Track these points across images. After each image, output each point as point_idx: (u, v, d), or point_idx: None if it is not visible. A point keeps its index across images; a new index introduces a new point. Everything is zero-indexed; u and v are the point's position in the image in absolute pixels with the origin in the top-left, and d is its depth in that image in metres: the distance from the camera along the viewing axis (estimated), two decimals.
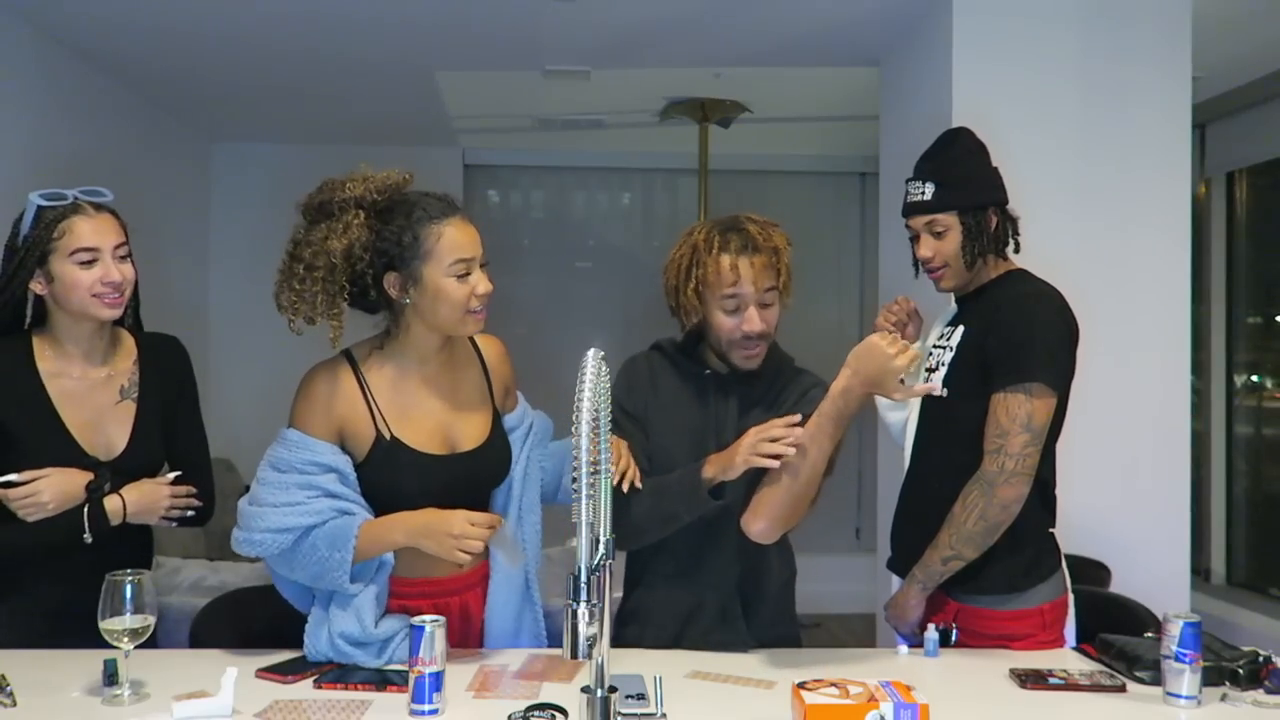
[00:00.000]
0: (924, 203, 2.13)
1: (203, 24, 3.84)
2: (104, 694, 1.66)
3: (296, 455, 1.86)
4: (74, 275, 1.90)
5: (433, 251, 1.84)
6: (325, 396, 1.90)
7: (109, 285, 1.92)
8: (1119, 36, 3.41)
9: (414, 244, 1.84)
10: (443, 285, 1.84)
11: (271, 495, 1.85)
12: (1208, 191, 5.06)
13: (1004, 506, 1.99)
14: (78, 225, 1.91)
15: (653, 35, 3.97)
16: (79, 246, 1.90)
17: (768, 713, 1.66)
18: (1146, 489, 3.39)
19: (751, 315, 1.96)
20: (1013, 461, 1.98)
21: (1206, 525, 4.95)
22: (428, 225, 1.85)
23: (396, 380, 1.93)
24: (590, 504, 1.39)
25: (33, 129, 3.88)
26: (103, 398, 2.00)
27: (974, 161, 2.18)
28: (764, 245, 1.97)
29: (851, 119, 5.19)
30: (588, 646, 1.39)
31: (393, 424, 1.90)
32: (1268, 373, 4.98)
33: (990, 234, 2.12)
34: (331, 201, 1.86)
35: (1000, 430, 1.98)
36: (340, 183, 1.87)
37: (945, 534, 2.01)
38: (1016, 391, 1.99)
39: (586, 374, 1.40)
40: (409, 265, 1.85)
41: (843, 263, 6.36)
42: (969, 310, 2.17)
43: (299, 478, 1.85)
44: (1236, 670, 1.73)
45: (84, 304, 1.92)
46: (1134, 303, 3.40)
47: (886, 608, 2.17)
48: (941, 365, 2.15)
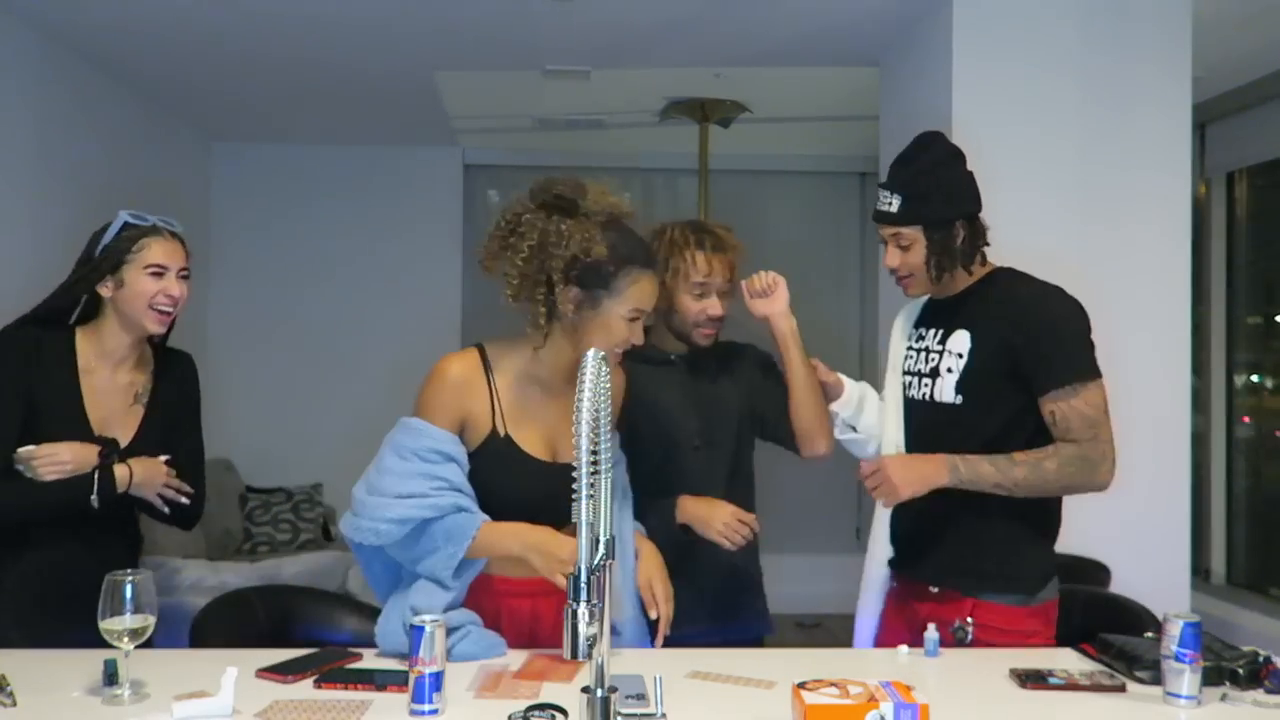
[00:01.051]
0: (889, 214, 2.13)
1: (203, 24, 3.85)
2: (104, 694, 1.66)
3: (420, 443, 1.90)
4: (143, 285, 2.16)
5: (624, 293, 1.94)
6: (456, 385, 1.95)
7: (168, 299, 2.19)
8: (1119, 36, 3.42)
9: (610, 278, 1.92)
10: (615, 325, 1.95)
11: (395, 485, 1.89)
12: (1208, 191, 5.06)
13: (1089, 489, 2.04)
14: (154, 244, 2.20)
15: (653, 35, 3.97)
16: (153, 262, 2.18)
17: (768, 713, 1.66)
18: (1146, 488, 3.38)
19: (715, 302, 2.29)
20: (1112, 449, 2.03)
21: (1206, 525, 4.95)
22: (629, 268, 1.94)
23: (520, 382, 2.00)
24: (590, 504, 1.39)
25: (34, 129, 3.89)
26: (119, 400, 2.23)
27: (943, 173, 2.13)
28: (729, 247, 2.33)
29: (851, 119, 5.19)
30: (588, 646, 1.39)
31: (510, 423, 1.97)
32: (1268, 373, 4.98)
33: (955, 248, 2.11)
34: (576, 202, 1.93)
35: (1089, 421, 2.01)
36: (585, 187, 1.96)
37: (1020, 469, 2.00)
38: (1087, 383, 2.02)
39: (586, 374, 1.40)
40: (594, 292, 1.93)
41: (843, 263, 6.37)
42: (965, 314, 2.14)
43: (423, 466, 1.89)
44: (1236, 670, 1.73)
45: (141, 313, 2.18)
46: (1134, 303, 3.40)
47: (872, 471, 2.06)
48: (948, 371, 2.12)
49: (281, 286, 5.90)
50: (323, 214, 5.94)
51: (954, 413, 2.10)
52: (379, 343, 5.86)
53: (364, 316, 5.89)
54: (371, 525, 1.88)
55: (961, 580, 2.09)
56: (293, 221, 5.92)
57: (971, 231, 2.13)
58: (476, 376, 1.96)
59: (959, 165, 2.16)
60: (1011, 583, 2.07)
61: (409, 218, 6.04)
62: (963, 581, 2.09)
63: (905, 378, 2.25)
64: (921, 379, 2.18)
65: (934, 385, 2.14)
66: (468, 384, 1.95)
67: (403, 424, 1.94)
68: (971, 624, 2.04)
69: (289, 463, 5.58)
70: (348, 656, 1.90)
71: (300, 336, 5.88)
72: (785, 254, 6.33)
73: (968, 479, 2.02)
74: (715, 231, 2.33)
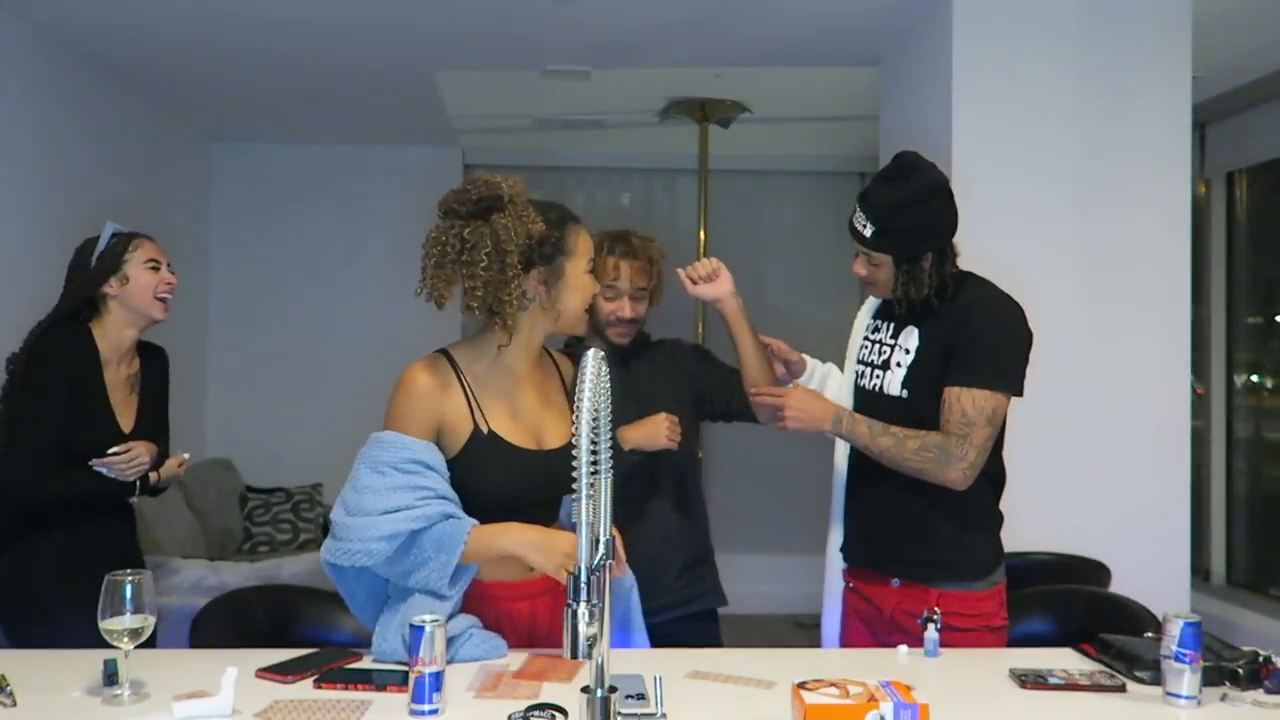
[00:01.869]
0: (863, 237, 2.18)
1: (203, 24, 3.85)
2: (104, 694, 1.66)
3: (397, 455, 1.86)
4: (146, 277, 2.52)
5: (575, 249, 1.98)
6: (430, 392, 1.91)
7: (168, 286, 2.55)
8: (1119, 36, 3.42)
9: (561, 241, 1.96)
10: (582, 280, 1.99)
11: (378, 501, 1.83)
12: (1208, 191, 5.06)
13: (938, 480, 2.09)
14: (145, 244, 2.57)
15: (653, 35, 3.97)
16: (150, 256, 2.55)
17: (768, 713, 1.66)
18: (1146, 489, 3.39)
19: (624, 304, 2.49)
20: (975, 453, 2.06)
21: (1206, 525, 4.95)
22: (570, 225, 1.98)
23: (491, 377, 1.98)
24: (590, 504, 1.40)
25: (34, 129, 3.89)
26: (123, 392, 2.56)
27: (918, 211, 2.12)
28: (640, 254, 2.51)
29: (851, 119, 5.19)
30: (588, 646, 1.39)
31: (491, 419, 1.95)
32: (1268, 373, 4.98)
33: (921, 277, 2.15)
34: (499, 195, 1.90)
35: (967, 420, 2.06)
36: (494, 181, 1.92)
37: (886, 439, 2.12)
38: (983, 388, 2.06)
39: (586, 374, 1.40)
40: (555, 261, 1.95)
41: (843, 263, 6.31)
42: (918, 313, 2.19)
43: (404, 478, 1.85)
44: (1236, 670, 1.73)
45: (147, 304, 2.52)
46: (1134, 303, 3.40)
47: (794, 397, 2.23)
48: (897, 365, 2.19)
49: (282, 286, 5.90)
50: (323, 214, 5.93)
51: (899, 405, 2.17)
52: (379, 342, 5.84)
53: (364, 316, 5.89)
54: (361, 546, 1.82)
55: (923, 572, 2.16)
56: (293, 221, 5.92)
57: (939, 259, 2.16)
58: (448, 380, 1.94)
59: (935, 202, 2.14)
60: (968, 569, 2.15)
61: (409, 218, 5.99)
62: (924, 573, 2.15)
63: (859, 366, 2.32)
64: (873, 370, 2.26)
65: (884, 378, 2.22)
66: (440, 389, 1.92)
67: (375, 439, 1.89)
68: (940, 613, 2.06)
69: (289, 463, 5.57)
70: (348, 656, 1.89)
71: (300, 336, 5.88)
72: (785, 254, 6.37)
73: (845, 432, 2.19)
74: (630, 239, 2.53)
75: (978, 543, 2.19)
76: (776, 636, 5.31)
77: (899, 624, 2.14)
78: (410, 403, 1.90)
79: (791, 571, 5.82)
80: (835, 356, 2.53)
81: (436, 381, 1.92)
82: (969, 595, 2.14)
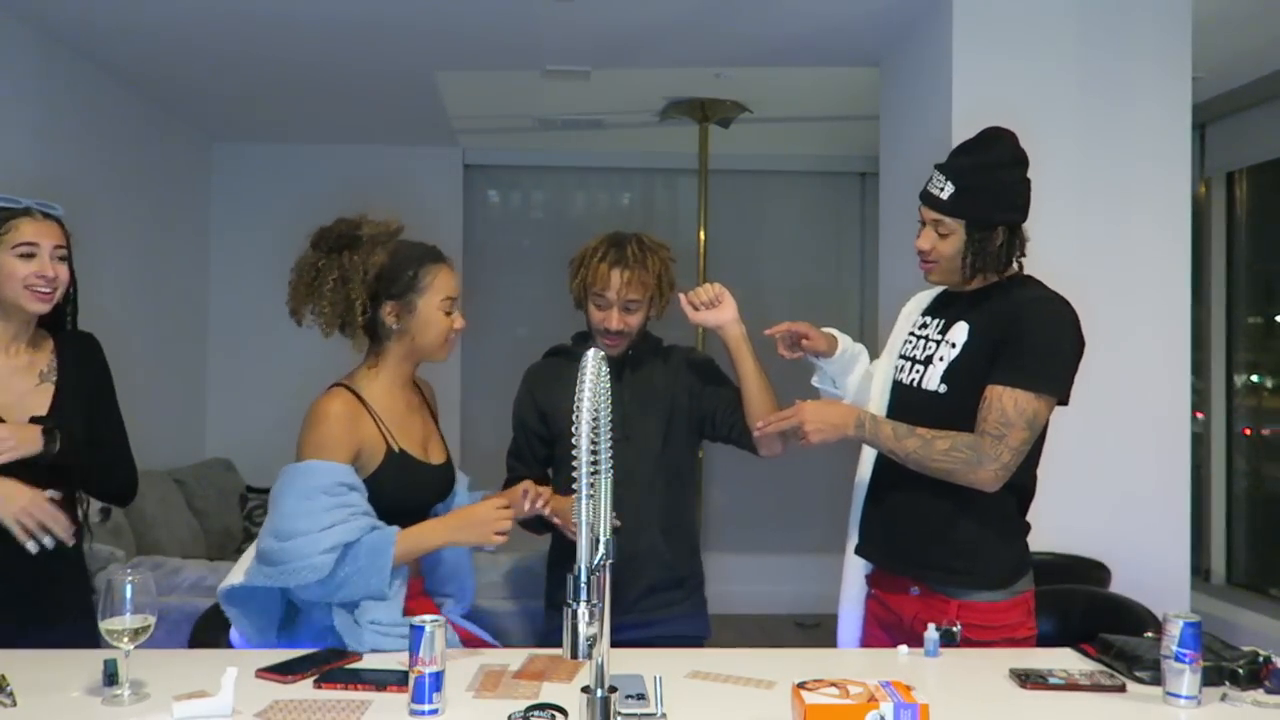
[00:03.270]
0: (938, 199, 2.10)
1: (203, 24, 3.85)
2: (104, 694, 1.66)
3: (322, 481, 2.00)
4: (12, 266, 2.09)
5: (430, 287, 2.16)
6: (344, 420, 2.07)
7: (41, 279, 2.10)
8: (1119, 36, 3.42)
9: (415, 279, 2.16)
10: (433, 316, 2.16)
11: (312, 523, 1.97)
12: (1208, 191, 5.06)
13: (966, 482, 2.01)
14: (23, 224, 2.12)
15: (653, 35, 3.97)
16: (20, 240, 2.10)
17: (768, 713, 1.66)
18: (1146, 489, 3.39)
19: (611, 315, 2.36)
20: (1009, 455, 1.99)
21: (1206, 525, 4.95)
22: (428, 265, 2.18)
23: (385, 400, 2.17)
24: (590, 504, 1.40)
25: (34, 129, 3.89)
26: (24, 382, 2.15)
27: (1002, 175, 2.11)
28: (633, 263, 2.35)
29: (851, 119, 5.19)
30: (588, 646, 1.39)
31: (398, 439, 2.14)
32: (1268, 373, 4.98)
33: (991, 252, 2.09)
34: (357, 236, 2.19)
35: (1005, 420, 1.98)
36: (356, 220, 2.25)
37: (912, 440, 2.04)
38: (1027, 389, 1.99)
39: (586, 374, 1.40)
40: (406, 297, 2.15)
41: (842, 263, 6.36)
42: (972, 308, 2.14)
43: (332, 500, 1.99)
44: (1236, 670, 1.73)
45: (17, 294, 2.10)
46: (1134, 303, 3.40)
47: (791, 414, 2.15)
48: (940, 359, 2.12)
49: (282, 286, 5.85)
50: (323, 214, 5.85)
51: (936, 401, 2.10)
52: None
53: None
54: (306, 563, 1.93)
55: (943, 580, 2.09)
56: (293, 221, 5.89)
57: (1010, 239, 2.11)
58: (356, 407, 2.10)
59: (1019, 171, 2.13)
60: (990, 579, 2.08)
61: (409, 218, 5.96)
62: (944, 580, 2.09)
63: (899, 361, 2.25)
64: (914, 365, 2.19)
65: (924, 373, 2.15)
66: (353, 415, 2.09)
67: (296, 470, 2.03)
68: (959, 625, 2.04)
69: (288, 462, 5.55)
70: (348, 656, 1.90)
71: (300, 336, 5.86)
72: (785, 254, 6.37)
73: (869, 436, 2.10)
74: (627, 248, 2.37)
75: (1000, 551, 2.10)
76: (776, 636, 5.31)
77: (918, 633, 2.06)
78: (329, 431, 2.06)
79: (791, 571, 5.82)
80: None
81: (348, 410, 2.09)
82: (990, 606, 2.07)
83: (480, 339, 6.13)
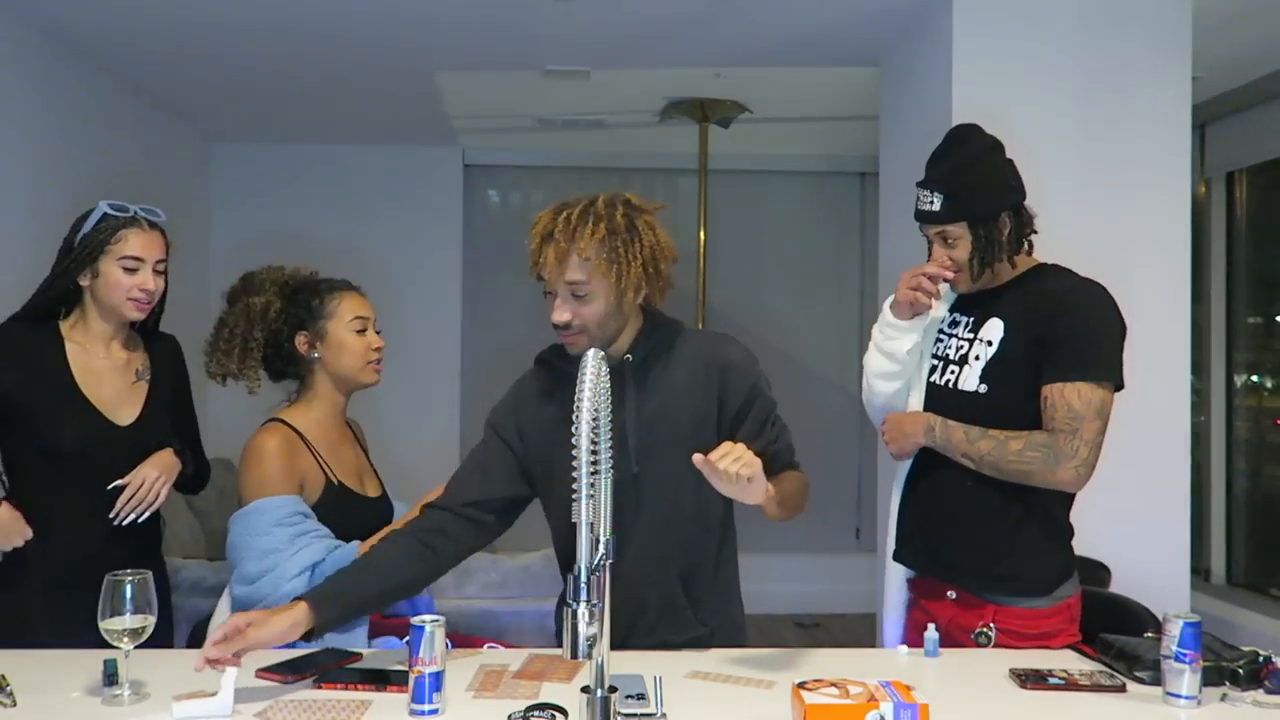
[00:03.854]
0: (933, 214, 2.09)
1: (203, 24, 3.84)
2: (104, 694, 1.66)
3: (276, 515, 2.04)
4: (117, 277, 2.22)
5: (335, 311, 2.21)
6: (285, 456, 2.10)
7: (144, 292, 2.24)
8: (1119, 37, 3.42)
9: (319, 307, 2.22)
10: (345, 338, 2.21)
11: (279, 554, 2.01)
12: (1208, 191, 5.06)
13: (1046, 483, 1.97)
14: (131, 236, 2.23)
15: (653, 35, 3.97)
16: (128, 254, 2.22)
17: (768, 713, 1.66)
18: (1146, 489, 3.39)
19: (554, 304, 1.85)
20: (1087, 449, 1.95)
21: (1206, 525, 4.95)
22: (329, 293, 2.24)
23: (318, 432, 2.20)
24: (590, 504, 1.39)
25: (33, 129, 3.88)
26: (121, 379, 2.30)
27: (984, 166, 2.10)
28: (564, 236, 1.79)
29: (851, 119, 5.19)
30: (588, 646, 1.39)
31: (336, 471, 2.19)
32: (1268, 373, 4.98)
33: (1002, 240, 2.08)
34: (252, 282, 2.27)
35: (1074, 414, 1.94)
36: (256, 271, 2.30)
37: (986, 442, 1.98)
38: (1088, 380, 1.96)
39: (586, 374, 1.40)
40: (315, 324, 2.21)
41: (843, 263, 6.36)
42: (1002, 304, 2.10)
43: (286, 530, 2.03)
44: (1236, 670, 1.73)
45: (118, 304, 2.23)
46: (1134, 302, 3.37)
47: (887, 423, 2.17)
48: (976, 358, 2.08)
49: None
50: (323, 214, 5.93)
51: (976, 400, 2.06)
52: None
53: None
54: (280, 593, 1.96)
55: (979, 585, 2.06)
56: (293, 221, 5.92)
57: (1017, 222, 2.10)
58: (295, 441, 2.14)
59: (997, 156, 2.12)
60: (1028, 584, 2.04)
61: (409, 218, 6.03)
62: (981, 586, 2.06)
63: (933, 361, 2.19)
64: (948, 365, 2.14)
65: (960, 373, 2.10)
66: (293, 449, 2.12)
67: (246, 515, 2.06)
68: (994, 629, 2.02)
69: None
70: (348, 656, 1.90)
71: None
72: (785, 254, 6.37)
73: (940, 441, 2.06)
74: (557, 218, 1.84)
75: (1041, 555, 2.05)
76: (776, 636, 5.31)
77: (953, 638, 2.04)
78: (272, 466, 2.08)
79: (792, 571, 5.82)
80: (835, 356, 2.50)
81: (287, 445, 2.12)
82: (1029, 613, 2.02)
83: (480, 339, 6.14)
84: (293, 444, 2.13)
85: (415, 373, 5.48)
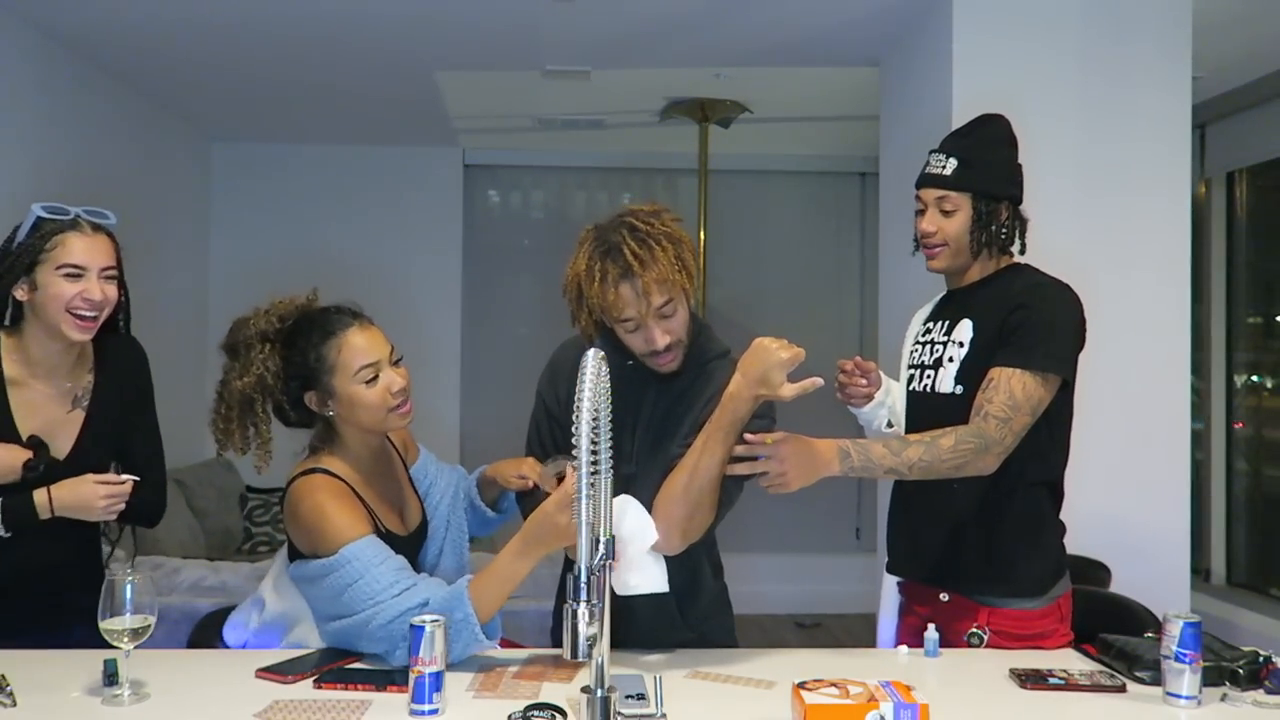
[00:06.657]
0: (941, 177, 2.10)
1: (203, 24, 3.85)
2: (104, 694, 1.65)
3: (368, 557, 1.81)
4: (57, 287, 1.94)
5: (337, 364, 1.93)
6: (343, 497, 1.90)
7: (87, 302, 1.96)
8: (1119, 37, 3.42)
9: (319, 362, 1.93)
10: (355, 393, 1.93)
11: (381, 595, 1.79)
12: (1208, 191, 5.06)
13: (978, 470, 1.94)
14: (70, 241, 1.96)
15: (653, 35, 3.97)
16: (66, 261, 1.95)
17: (768, 713, 1.66)
18: (1146, 489, 3.39)
19: (652, 333, 1.89)
20: (1012, 439, 1.95)
21: (1206, 525, 4.95)
22: (327, 341, 1.94)
23: (361, 478, 1.99)
24: (590, 504, 1.40)
25: (33, 129, 3.89)
26: (56, 410, 2.04)
27: (1001, 151, 2.14)
28: (642, 269, 1.84)
29: (851, 119, 5.19)
30: (588, 646, 1.39)
31: (380, 517, 1.98)
32: (1267, 373, 4.98)
33: (997, 226, 2.10)
34: (238, 341, 1.96)
35: (1014, 404, 1.95)
36: (245, 320, 1.98)
37: (914, 449, 1.91)
38: (1036, 371, 1.97)
39: (586, 374, 1.40)
40: (321, 382, 1.94)
41: (843, 263, 6.36)
42: (974, 303, 2.12)
43: (390, 568, 1.82)
44: (1236, 670, 1.73)
45: (58, 318, 1.96)
46: (1134, 302, 3.40)
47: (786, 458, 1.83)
48: (949, 360, 2.10)
49: (281, 287, 5.88)
50: (323, 214, 5.94)
51: (953, 402, 2.06)
52: None
53: None
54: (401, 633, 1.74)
55: (971, 588, 2.06)
56: (293, 221, 5.92)
57: (1014, 218, 2.13)
58: (343, 487, 1.92)
59: (1014, 152, 2.16)
60: (1019, 584, 2.05)
61: (409, 218, 6.04)
62: (971, 588, 2.06)
63: (910, 370, 2.22)
64: (924, 371, 2.16)
65: (935, 376, 2.12)
66: (344, 493, 1.91)
67: (332, 565, 1.82)
68: (987, 631, 2.02)
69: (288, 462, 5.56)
70: (348, 656, 1.89)
71: None
72: (785, 254, 6.37)
73: (860, 465, 1.88)
74: (623, 251, 1.85)
75: (1032, 555, 2.05)
76: (776, 636, 5.31)
77: (946, 641, 2.03)
78: (340, 505, 1.87)
79: (792, 571, 5.82)
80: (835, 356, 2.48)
81: (338, 489, 1.91)
82: (1022, 614, 2.03)
83: (480, 339, 6.14)
84: (341, 489, 1.92)
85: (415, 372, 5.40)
